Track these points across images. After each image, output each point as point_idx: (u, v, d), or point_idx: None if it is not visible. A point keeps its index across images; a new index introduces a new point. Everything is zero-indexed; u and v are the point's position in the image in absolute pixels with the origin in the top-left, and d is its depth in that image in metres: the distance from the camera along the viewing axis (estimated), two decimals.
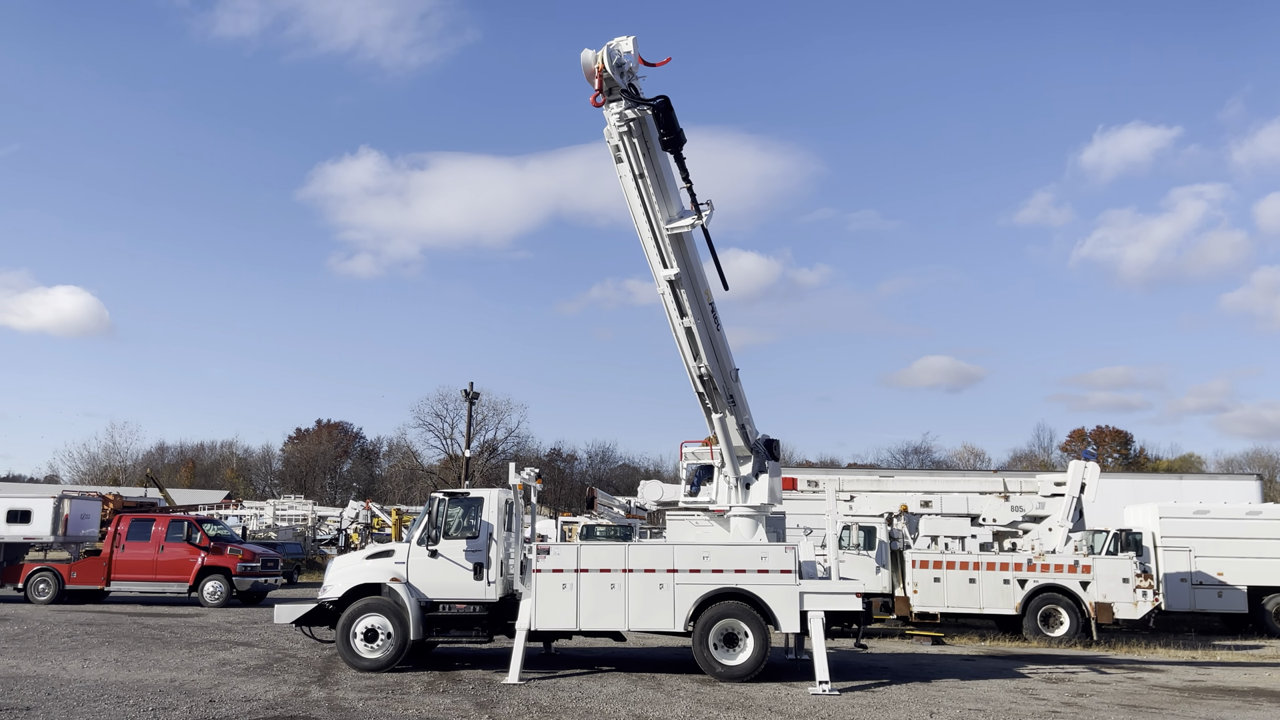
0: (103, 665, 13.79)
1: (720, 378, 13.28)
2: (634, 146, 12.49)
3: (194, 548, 23.80)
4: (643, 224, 12.96)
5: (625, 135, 12.34)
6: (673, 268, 12.92)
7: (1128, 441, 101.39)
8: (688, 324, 13.09)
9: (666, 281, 12.98)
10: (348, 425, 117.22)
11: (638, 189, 12.72)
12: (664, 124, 12.18)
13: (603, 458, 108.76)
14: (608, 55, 11.93)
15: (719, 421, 13.44)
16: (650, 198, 12.75)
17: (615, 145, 12.49)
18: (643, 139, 12.51)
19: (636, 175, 12.62)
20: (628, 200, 12.94)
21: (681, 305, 13.06)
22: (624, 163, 12.66)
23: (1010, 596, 19.74)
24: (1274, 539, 22.86)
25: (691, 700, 11.89)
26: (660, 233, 12.86)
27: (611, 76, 11.96)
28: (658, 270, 13.10)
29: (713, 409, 13.44)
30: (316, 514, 46.74)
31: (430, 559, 13.97)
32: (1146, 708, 12.15)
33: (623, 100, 12.19)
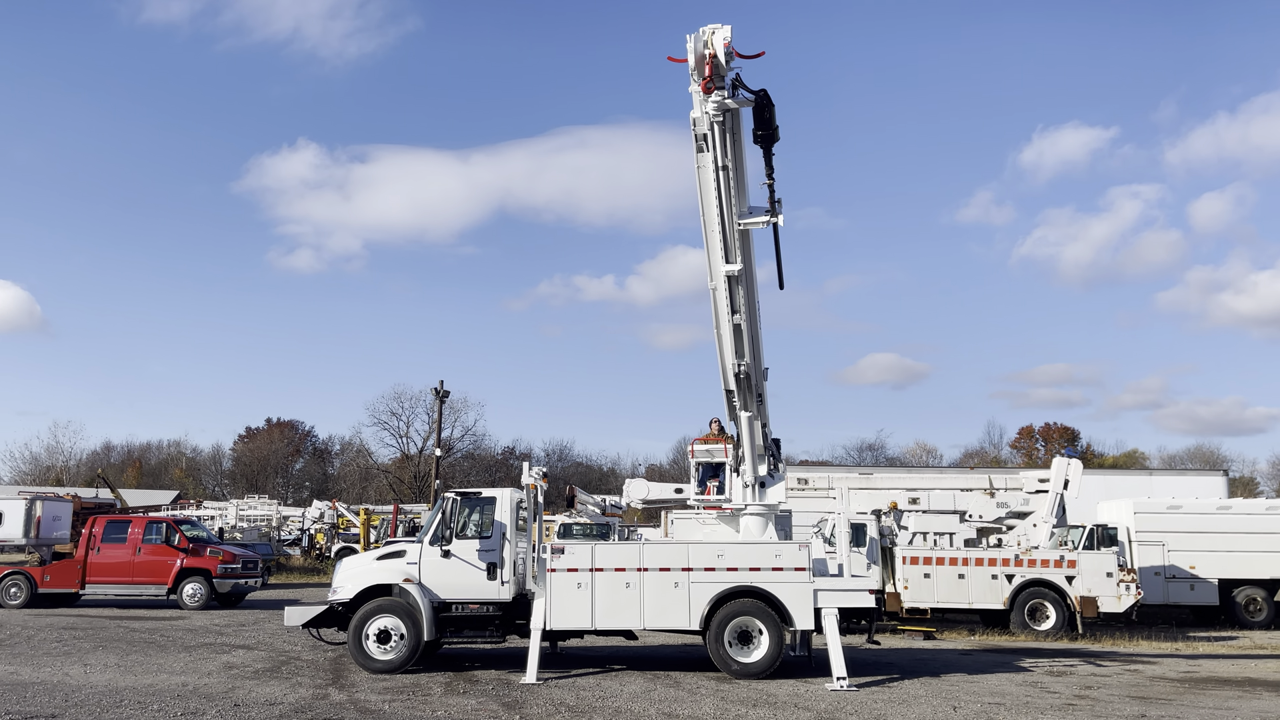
0: (105, 670, 13.48)
1: (756, 376, 13.36)
2: (723, 137, 12.24)
3: (172, 549, 23.33)
4: (713, 216, 12.74)
5: (718, 125, 12.09)
6: (736, 263, 12.85)
7: (1074, 438, 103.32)
8: (737, 320, 13.09)
9: (726, 276, 12.91)
10: (299, 423, 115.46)
11: (716, 180, 12.47)
12: (761, 118, 12.02)
13: (560, 456, 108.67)
14: (720, 43, 11.66)
15: (748, 420, 13.52)
16: (730, 190, 12.56)
17: (703, 134, 12.20)
18: (733, 131, 12.32)
19: (719, 166, 12.36)
20: (701, 190, 12.70)
21: (735, 301, 13.04)
22: (707, 153, 12.38)
23: (998, 591, 20.11)
24: (1243, 533, 23.56)
25: (715, 698, 11.96)
26: (730, 227, 12.72)
27: (721, 64, 11.71)
28: (718, 265, 12.96)
29: (743, 407, 13.51)
30: (281, 514, 46.02)
31: (443, 559, 13.87)
32: (1156, 699, 12.48)
33: (725, 90, 11.87)
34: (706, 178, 12.58)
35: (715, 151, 12.30)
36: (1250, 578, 23.39)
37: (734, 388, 13.42)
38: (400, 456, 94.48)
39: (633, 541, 15.71)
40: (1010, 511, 21.40)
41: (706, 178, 12.58)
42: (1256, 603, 23.33)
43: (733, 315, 13.08)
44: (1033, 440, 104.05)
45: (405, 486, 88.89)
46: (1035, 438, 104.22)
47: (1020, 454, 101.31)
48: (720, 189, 12.49)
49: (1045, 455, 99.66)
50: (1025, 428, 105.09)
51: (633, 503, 25.25)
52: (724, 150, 12.33)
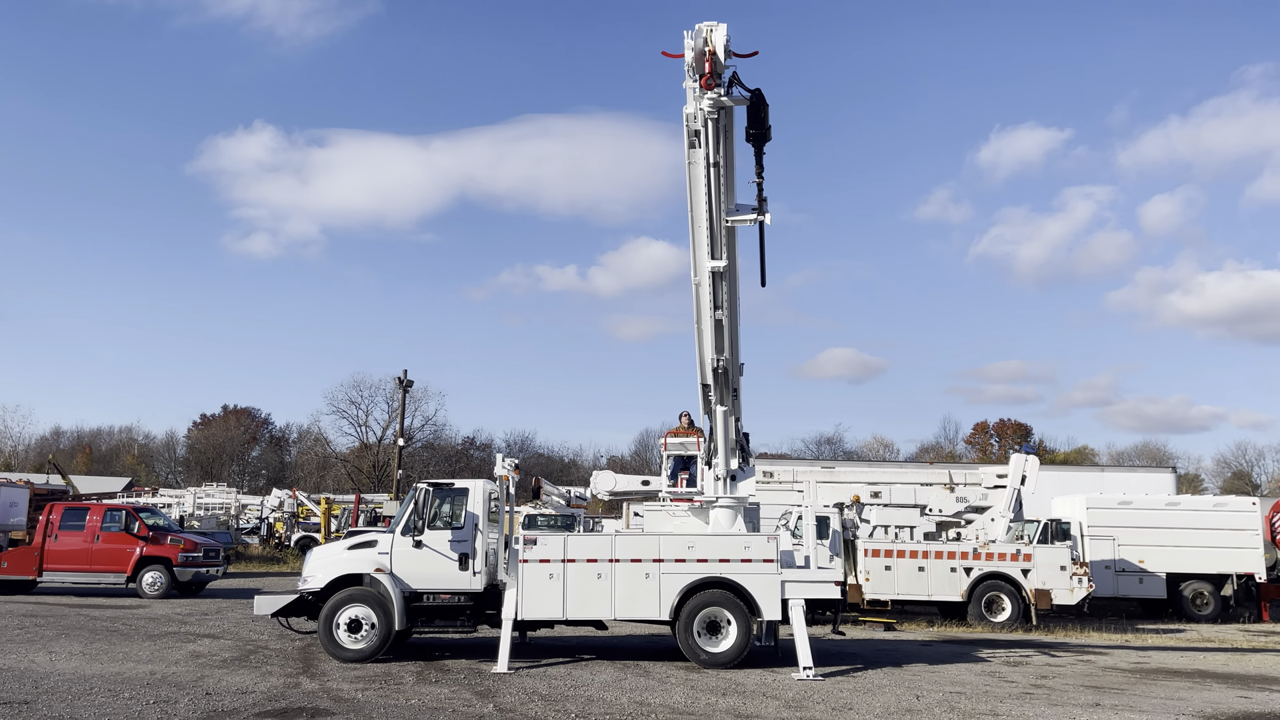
0: (71, 658, 13.38)
1: (733, 371, 13.56)
2: (716, 134, 12.33)
3: (132, 537, 23.09)
4: (702, 212, 12.85)
5: (712, 121, 12.18)
6: (722, 259, 13.00)
7: (1027, 434, 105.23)
8: (719, 316, 13.26)
9: (711, 272, 13.06)
10: (255, 411, 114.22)
11: (707, 177, 12.57)
12: (755, 117, 12.13)
13: (521, 447, 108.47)
14: (720, 40, 11.76)
15: (723, 414, 13.73)
16: (720, 187, 12.67)
17: (696, 130, 12.28)
18: (726, 128, 12.42)
19: (711, 163, 12.46)
20: (691, 186, 12.80)
21: (718, 297, 13.21)
22: (699, 149, 12.46)
23: (957, 584, 20.57)
24: (1191, 529, 24.29)
25: (685, 687, 12.17)
26: (719, 223, 12.86)
27: (720, 61, 11.81)
28: (703, 261, 13.10)
29: (719, 401, 13.71)
30: (240, 502, 45.57)
31: (415, 549, 13.93)
32: (1109, 689, 12.90)
33: (721, 87, 11.96)
34: (697, 174, 12.68)
35: (708, 148, 12.40)
36: (1197, 572, 24.12)
37: (710, 382, 13.61)
38: (359, 445, 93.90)
39: (605, 533, 15.85)
40: (969, 506, 21.87)
41: (697, 174, 12.68)
42: (1203, 597, 24.06)
43: (715, 310, 13.26)
44: (987, 436, 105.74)
45: (364, 476, 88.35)
46: (990, 433, 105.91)
47: (975, 449, 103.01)
48: (710, 185, 12.60)
49: (999, 451, 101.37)
50: (980, 423, 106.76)
51: (600, 494, 25.42)
52: (716, 147, 12.43)
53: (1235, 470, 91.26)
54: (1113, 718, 10.84)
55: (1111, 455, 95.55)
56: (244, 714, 9.99)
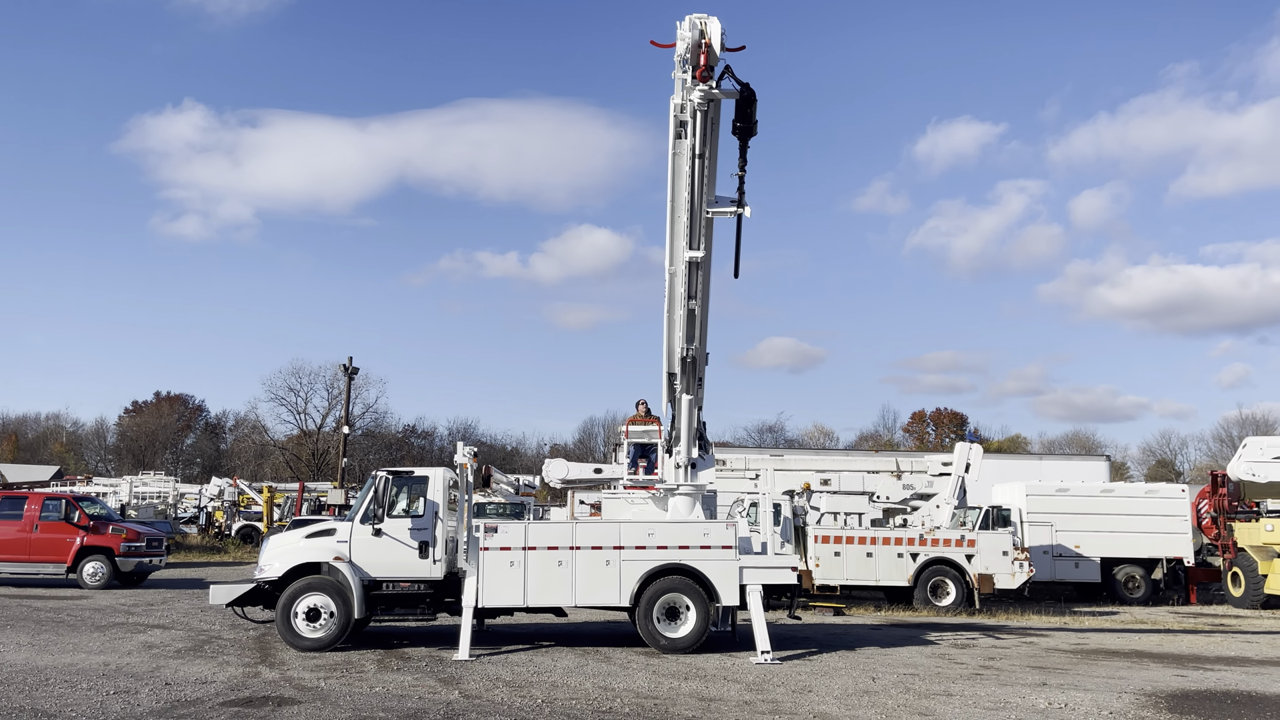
0: (19, 649, 13.10)
1: (701, 361, 13.71)
2: (703, 126, 12.41)
3: (72, 527, 22.55)
4: (683, 203, 12.96)
5: (701, 113, 12.26)
6: (700, 250, 13.13)
7: (963, 423, 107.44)
8: (693, 306, 13.39)
9: (688, 263, 13.17)
10: (189, 398, 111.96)
11: (692, 168, 12.67)
12: (743, 111, 12.22)
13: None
14: (716, 32, 11.81)
15: (688, 403, 13.89)
16: (703, 178, 12.77)
17: (684, 121, 12.38)
18: (714, 120, 12.50)
19: (696, 154, 12.56)
20: (674, 177, 12.89)
21: (693, 288, 13.34)
22: (685, 140, 12.56)
23: (904, 569, 21.05)
24: (1124, 515, 25.13)
25: (647, 672, 12.33)
26: (699, 214, 12.96)
27: (715, 54, 11.88)
28: (682, 251, 13.22)
29: (685, 390, 13.86)
30: (179, 491, 44.65)
31: (374, 538, 13.88)
32: (1053, 668, 13.37)
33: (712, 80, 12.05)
34: (681, 165, 12.81)
35: (694, 139, 12.52)
36: (1130, 556, 24.97)
37: (677, 371, 13.77)
38: (298, 433, 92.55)
39: (566, 521, 15.91)
40: (915, 493, 22.37)
41: (681, 165, 12.81)
42: (1135, 580, 24.92)
43: (690, 300, 13.40)
44: (924, 425, 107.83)
45: (303, 464, 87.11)
46: (927, 422, 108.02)
47: (912, 438, 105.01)
48: (694, 177, 12.73)
49: (936, 439, 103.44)
50: (918, 412, 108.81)
51: (552, 482, 25.48)
52: (703, 139, 12.55)
53: (1159, 458, 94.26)
54: (1059, 696, 11.25)
55: (1043, 443, 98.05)
56: (207, 704, 9.90)
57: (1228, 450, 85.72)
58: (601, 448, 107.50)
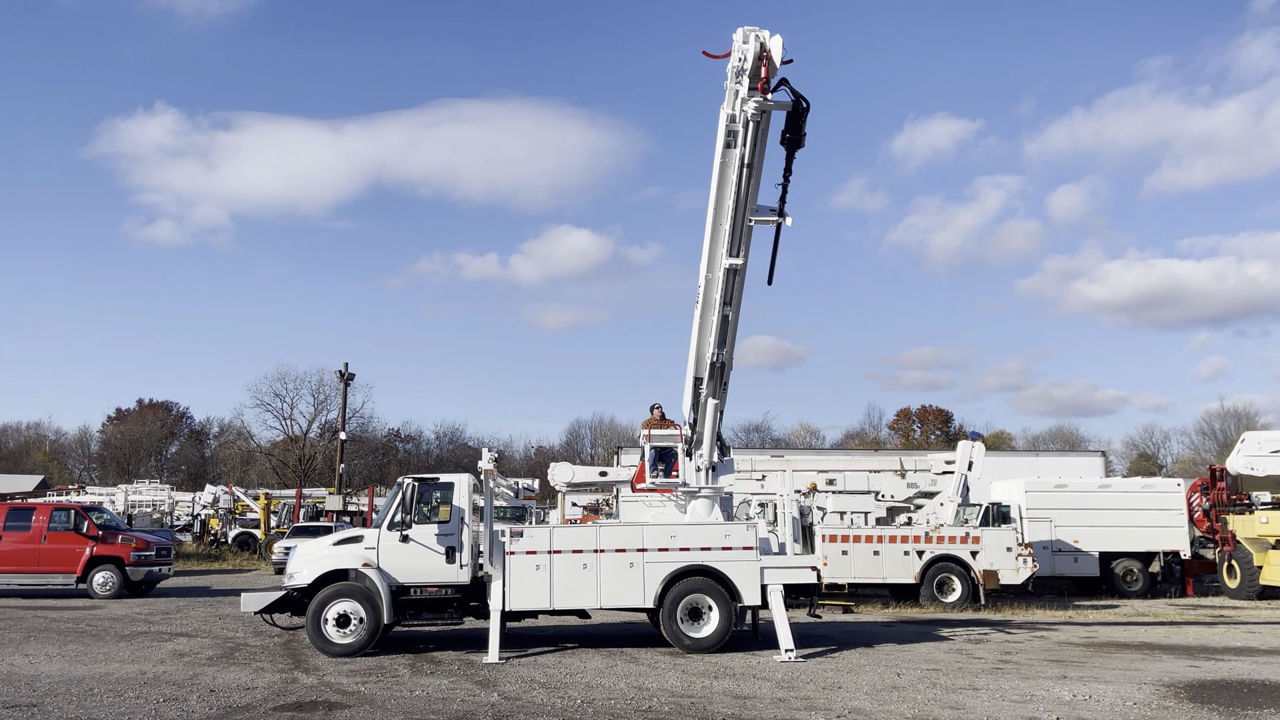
0: (51, 660, 13.19)
1: (729, 366, 13.97)
2: (754, 135, 12.72)
3: (82, 537, 22.58)
4: (727, 211, 13.25)
5: (754, 123, 12.58)
6: (739, 258, 13.42)
7: (948, 420, 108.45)
8: (727, 312, 13.66)
9: (726, 270, 13.44)
10: (173, 405, 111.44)
11: (739, 176, 12.97)
12: (794, 123, 12.53)
13: (451, 438, 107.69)
14: (778, 46, 12.14)
15: (713, 407, 14.15)
16: (749, 187, 13.07)
17: (735, 130, 12.72)
18: (764, 131, 12.81)
19: (745, 163, 12.88)
20: (720, 184, 13.17)
21: (728, 294, 13.61)
22: (735, 149, 12.88)
23: (910, 567, 21.39)
24: (1121, 509, 25.59)
25: (677, 672, 12.58)
26: (742, 223, 13.24)
27: (776, 66, 12.22)
28: (721, 258, 13.50)
29: (711, 395, 14.11)
30: (174, 499, 44.51)
31: (401, 544, 14.06)
32: (1070, 662, 13.71)
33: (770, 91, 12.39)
34: (729, 174, 13.13)
35: (744, 149, 12.85)
36: (1127, 550, 25.43)
37: (704, 375, 14.02)
38: (284, 439, 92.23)
39: (589, 524, 16.13)
40: (919, 492, 22.70)
41: (729, 174, 13.13)
42: (1133, 573, 25.38)
43: (724, 306, 13.67)
44: (909, 422, 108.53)
45: (289, 470, 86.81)
46: (913, 419, 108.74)
47: (898, 435, 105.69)
48: (740, 185, 13.04)
49: (921, 436, 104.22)
50: (903, 410, 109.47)
51: (558, 486, 25.68)
52: (752, 149, 12.87)
53: (1142, 452, 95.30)
54: (1082, 689, 11.57)
55: (1027, 439, 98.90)
56: (259, 709, 10.08)
57: (1210, 444, 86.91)
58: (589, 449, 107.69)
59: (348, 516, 37.67)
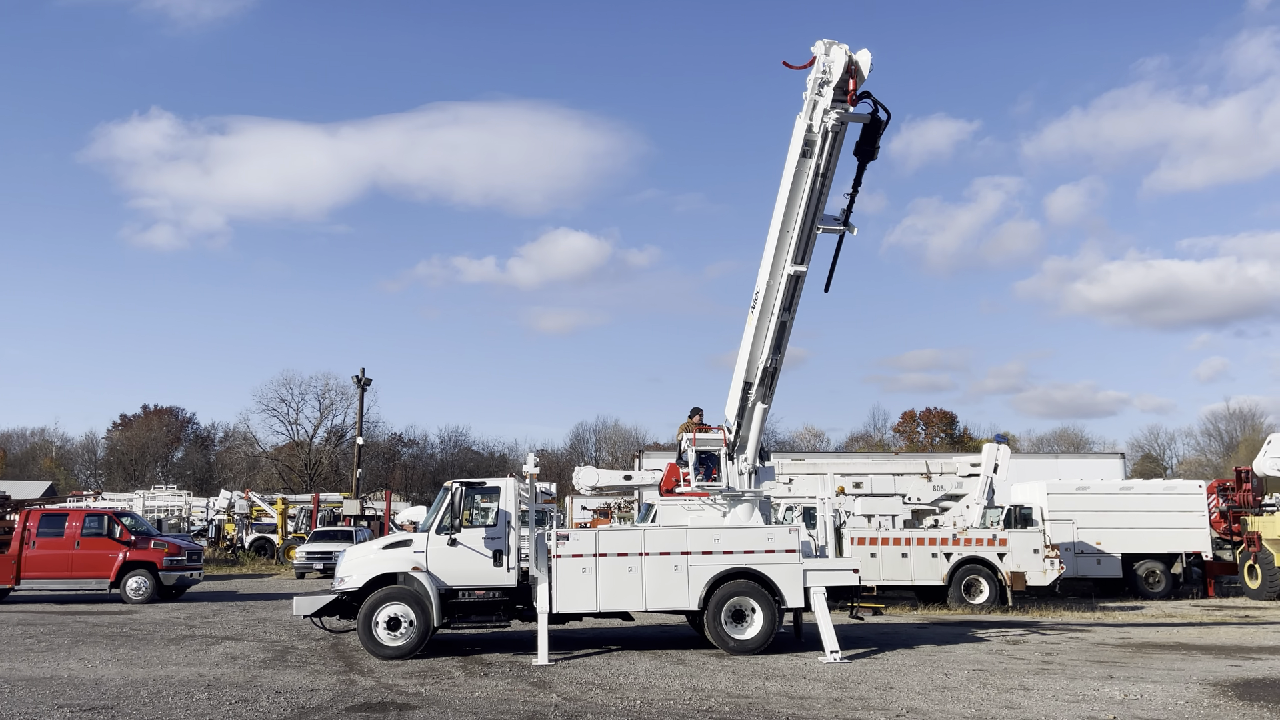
0: (106, 665, 13.36)
1: (779, 372, 14.18)
2: (831, 146, 13.06)
3: (115, 543, 22.77)
4: (797, 218, 13.55)
5: (833, 134, 12.92)
6: (803, 265, 13.70)
7: (953, 422, 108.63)
8: (785, 318, 13.90)
9: (789, 276, 13.69)
10: (179, 410, 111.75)
11: (812, 186, 13.32)
12: (870, 136, 12.84)
13: (455, 442, 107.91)
14: (865, 61, 12.54)
15: (761, 411, 14.34)
16: (820, 196, 13.41)
17: (813, 140, 13.02)
18: (840, 142, 13.14)
19: (819, 172, 13.21)
20: (791, 192, 13.45)
21: (789, 300, 13.84)
22: (811, 158, 13.21)
23: (938, 569, 21.58)
24: (1143, 511, 25.79)
25: (727, 673, 12.75)
26: (811, 230, 13.53)
27: (864, 78, 12.62)
28: (786, 264, 13.77)
29: (761, 399, 14.31)
30: (191, 505, 44.67)
31: (450, 547, 14.24)
32: (1112, 662, 13.89)
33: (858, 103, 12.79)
34: (803, 183, 13.45)
35: (820, 159, 13.18)
36: (1150, 552, 25.62)
37: (755, 380, 14.22)
38: (290, 443, 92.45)
39: (634, 527, 16.30)
40: (945, 494, 22.91)
41: (803, 183, 13.45)
42: (1155, 575, 25.56)
43: (784, 312, 13.88)
44: (914, 424, 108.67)
45: (295, 474, 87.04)
46: (917, 422, 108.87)
47: (903, 437, 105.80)
48: (812, 194, 13.33)
49: (926, 438, 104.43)
50: (908, 412, 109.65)
51: (582, 490, 25.86)
52: (829, 158, 13.20)
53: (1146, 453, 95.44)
54: (1131, 689, 11.75)
55: (1032, 441, 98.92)
56: (332, 709, 10.26)
57: (1215, 445, 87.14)
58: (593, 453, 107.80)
59: (365, 521, 37.83)
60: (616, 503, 48.32)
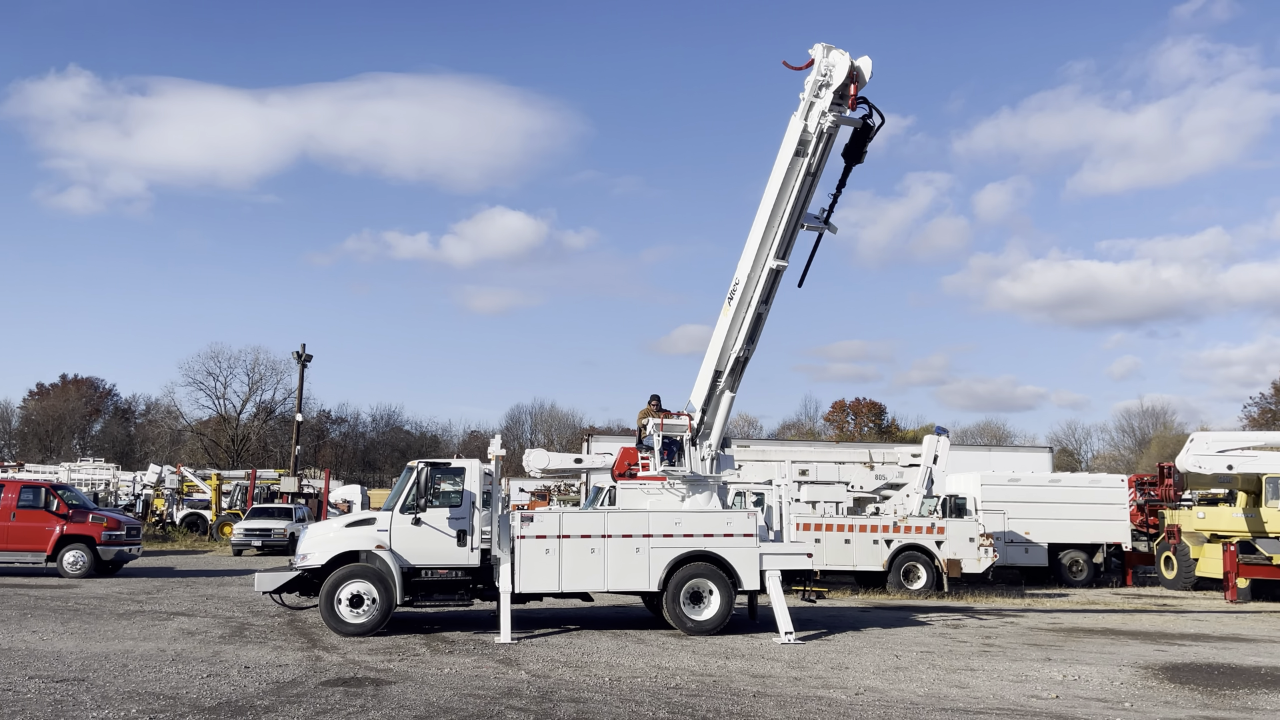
0: (60, 638, 13.21)
1: (749, 362, 14.52)
2: (824, 147, 13.46)
3: (52, 515, 22.27)
4: (784, 214, 13.90)
5: (828, 136, 13.29)
6: (785, 260, 14.06)
7: (881, 413, 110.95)
8: (762, 310, 14.22)
9: (771, 270, 14.00)
10: (99, 381, 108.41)
11: (801, 183, 13.69)
12: (860, 139, 13.22)
13: (388, 421, 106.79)
14: (867, 67, 12.98)
15: (729, 400, 14.68)
16: (808, 195, 13.78)
17: (808, 140, 13.34)
18: (833, 143, 13.53)
19: (810, 171, 13.59)
20: (780, 189, 13.77)
21: (767, 294, 14.16)
22: (804, 157, 13.58)
23: (878, 555, 22.27)
24: (1069, 503, 26.87)
25: (688, 652, 13.13)
26: (796, 228, 13.90)
27: (865, 83, 13.07)
28: (769, 259, 14.10)
29: (729, 388, 14.65)
30: (118, 478, 43.61)
31: (414, 527, 14.36)
32: (1048, 645, 14.62)
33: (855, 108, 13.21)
34: (794, 181, 13.82)
35: (813, 159, 13.59)
36: (1074, 542, 26.75)
37: (725, 369, 14.56)
38: (216, 418, 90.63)
39: (598, 510, 16.56)
40: (886, 483, 23.63)
41: (794, 181, 13.82)
42: (1079, 564, 26.70)
43: (764, 304, 14.22)
44: (844, 414, 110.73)
45: (221, 450, 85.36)
46: (847, 411, 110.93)
47: (833, 426, 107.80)
48: (801, 193, 13.71)
49: (855, 428, 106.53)
50: (838, 402, 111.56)
51: (533, 472, 26.08)
52: (820, 158, 13.63)
53: (1063, 447, 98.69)
54: (1069, 670, 12.42)
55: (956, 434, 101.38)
56: (307, 684, 10.35)
57: (1128, 440, 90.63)
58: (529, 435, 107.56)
59: (303, 499, 37.42)
60: (555, 485, 48.48)
